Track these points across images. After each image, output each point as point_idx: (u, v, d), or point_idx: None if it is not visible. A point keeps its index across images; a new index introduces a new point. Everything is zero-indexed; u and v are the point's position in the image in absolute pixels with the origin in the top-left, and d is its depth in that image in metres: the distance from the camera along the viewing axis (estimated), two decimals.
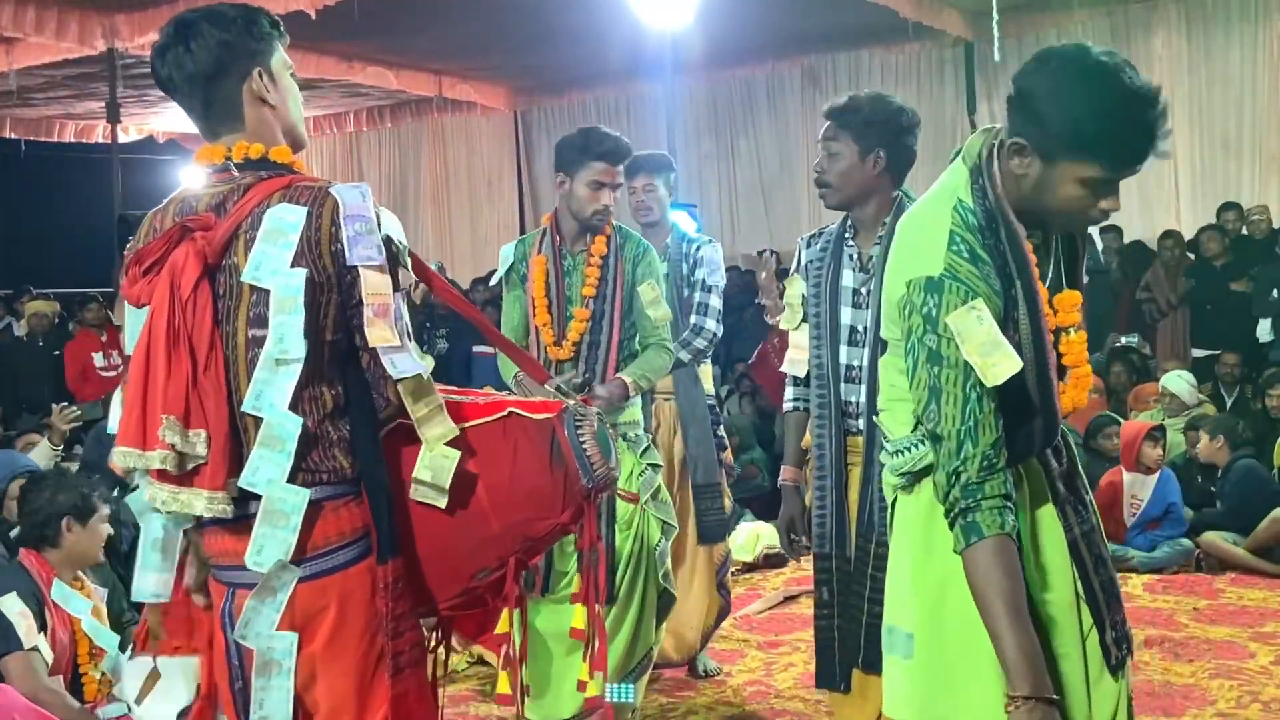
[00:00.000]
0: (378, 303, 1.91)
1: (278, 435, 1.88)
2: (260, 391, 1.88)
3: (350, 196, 1.93)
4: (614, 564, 3.67)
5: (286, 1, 8.13)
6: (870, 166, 3.01)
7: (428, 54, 11.14)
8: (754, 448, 8.32)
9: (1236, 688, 4.32)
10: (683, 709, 4.41)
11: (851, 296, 3.05)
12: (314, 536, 1.91)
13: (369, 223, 1.92)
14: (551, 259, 3.73)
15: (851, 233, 3.12)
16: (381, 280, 1.92)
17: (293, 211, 1.91)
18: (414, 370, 1.91)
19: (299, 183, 1.96)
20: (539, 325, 3.69)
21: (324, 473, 1.92)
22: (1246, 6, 10.16)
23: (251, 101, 2.04)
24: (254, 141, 2.02)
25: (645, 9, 8.01)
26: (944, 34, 10.39)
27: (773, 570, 6.64)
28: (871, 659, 2.92)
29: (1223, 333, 8.50)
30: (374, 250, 1.92)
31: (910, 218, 2.12)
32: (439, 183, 14.25)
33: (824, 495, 3.06)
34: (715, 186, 12.63)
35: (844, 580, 3.02)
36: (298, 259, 1.89)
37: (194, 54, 2.01)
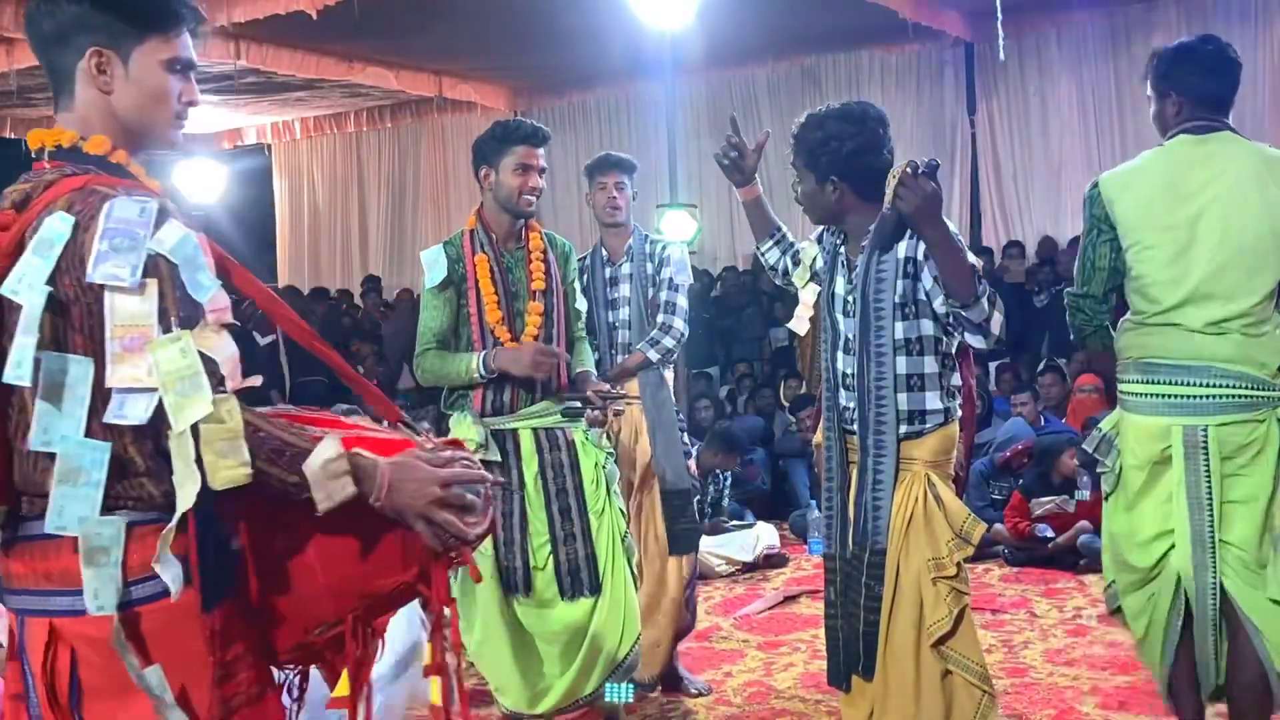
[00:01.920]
0: (128, 336, 1.65)
1: (78, 467, 1.67)
2: (46, 425, 1.67)
3: (122, 209, 1.69)
4: (593, 553, 3.68)
5: (287, 1, 8.13)
6: (830, 192, 2.99)
7: (428, 54, 11.13)
8: (755, 448, 8.32)
9: None
10: (682, 709, 4.41)
11: (842, 304, 3.05)
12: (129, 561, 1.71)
13: (133, 239, 1.66)
14: (493, 257, 3.74)
15: (843, 240, 3.11)
16: (136, 308, 1.66)
17: (64, 221, 1.69)
18: (139, 420, 1.65)
19: (95, 185, 1.74)
20: (493, 323, 3.69)
21: (128, 500, 1.71)
22: (1246, 6, 10.16)
23: (84, 81, 1.83)
24: (81, 124, 1.84)
25: (645, 9, 8.01)
26: (944, 34, 10.39)
27: (773, 570, 6.65)
28: (868, 665, 2.96)
29: None
30: (125, 270, 1.65)
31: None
32: (439, 183, 14.23)
33: (830, 496, 3.07)
34: (715, 186, 12.61)
35: (844, 582, 3.03)
36: (57, 276, 1.67)
37: (42, 15, 1.83)
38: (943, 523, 2.91)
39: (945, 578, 2.89)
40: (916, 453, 2.95)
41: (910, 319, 2.91)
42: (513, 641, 3.69)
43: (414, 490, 1.74)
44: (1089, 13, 10.36)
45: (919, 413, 2.94)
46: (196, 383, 1.65)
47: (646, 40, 8.64)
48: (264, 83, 11.45)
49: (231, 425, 1.67)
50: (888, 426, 2.91)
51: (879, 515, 2.92)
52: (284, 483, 1.70)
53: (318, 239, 15.12)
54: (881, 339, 2.91)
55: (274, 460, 1.69)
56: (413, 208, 14.49)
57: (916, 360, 2.93)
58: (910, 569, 2.91)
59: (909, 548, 2.91)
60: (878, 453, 2.92)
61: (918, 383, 2.93)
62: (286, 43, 9.92)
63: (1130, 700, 4.22)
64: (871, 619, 2.94)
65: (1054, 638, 5.08)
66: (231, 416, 1.67)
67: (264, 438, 1.70)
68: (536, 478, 3.69)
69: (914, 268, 2.89)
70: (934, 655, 2.90)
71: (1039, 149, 11.00)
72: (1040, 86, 10.90)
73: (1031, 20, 10.30)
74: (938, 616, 2.89)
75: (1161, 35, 10.47)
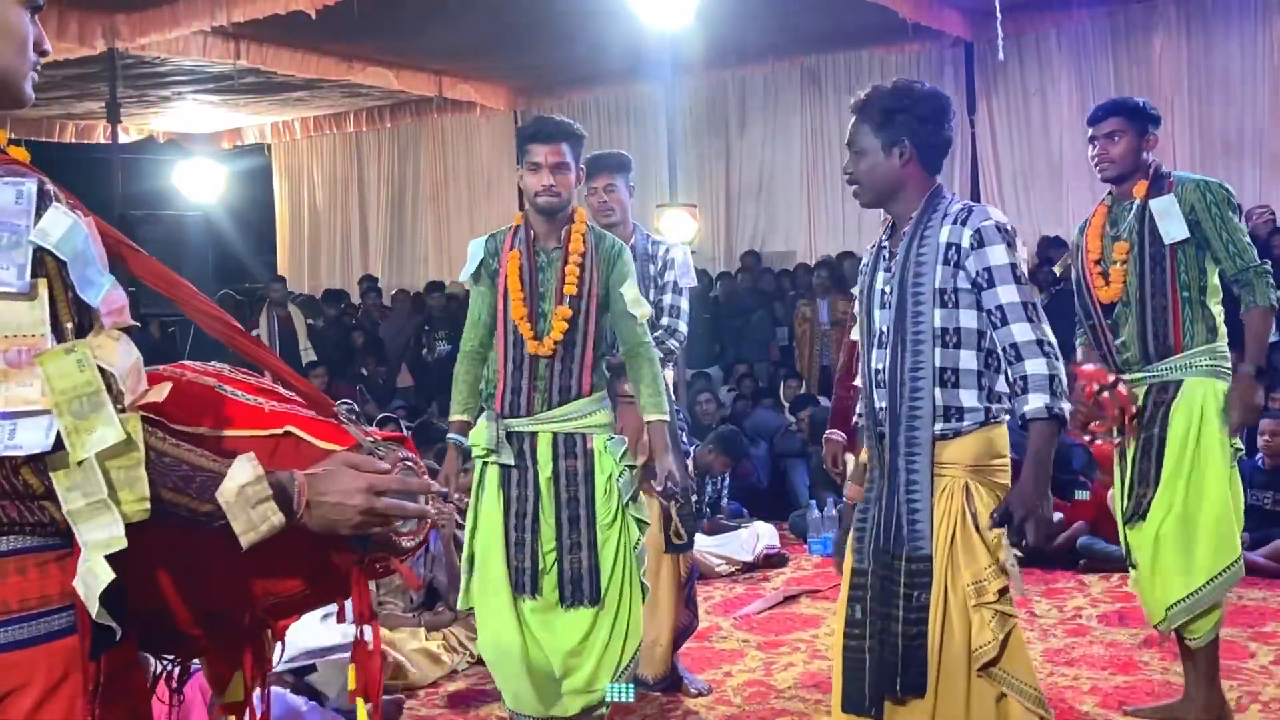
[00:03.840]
0: (14, 349, 1.38)
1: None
2: None
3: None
4: (597, 565, 3.66)
5: (287, 1, 8.13)
6: (895, 159, 2.82)
7: (428, 54, 11.13)
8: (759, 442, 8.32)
9: (1236, 688, 4.32)
10: (682, 709, 4.41)
11: (879, 297, 2.89)
12: (4, 596, 1.43)
13: (14, 232, 1.39)
14: (526, 255, 3.72)
15: (889, 233, 2.94)
16: (25, 316, 1.39)
17: None
18: (37, 447, 1.37)
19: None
20: (517, 320, 3.68)
21: (26, 525, 1.44)
22: (1246, 6, 10.15)
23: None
24: None
25: (645, 9, 8.01)
26: (944, 34, 10.39)
27: (773, 570, 6.64)
28: (911, 681, 2.72)
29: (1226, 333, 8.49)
30: (11, 271, 1.38)
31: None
32: (438, 183, 14.24)
33: (867, 508, 2.88)
34: (715, 186, 12.63)
35: (878, 597, 2.79)
36: None
37: None
38: (977, 543, 2.72)
39: (987, 603, 2.70)
40: (952, 455, 2.76)
41: (949, 308, 2.76)
42: (519, 643, 3.68)
43: (337, 504, 1.52)
44: (1089, 12, 10.36)
45: (954, 409, 2.75)
46: (97, 401, 1.38)
47: (646, 40, 8.63)
48: (264, 83, 11.45)
49: (135, 453, 1.41)
50: (921, 422, 2.74)
51: (916, 519, 2.73)
52: (194, 513, 1.46)
53: (318, 239, 15.12)
54: (919, 327, 2.75)
55: (181, 489, 1.44)
56: (413, 208, 14.49)
57: (953, 353, 2.75)
58: (957, 587, 2.72)
59: (955, 563, 2.73)
60: (910, 450, 2.75)
61: (952, 378, 2.76)
62: (286, 43, 9.92)
63: (1130, 700, 4.22)
64: (914, 631, 2.71)
65: (1054, 638, 5.09)
66: (137, 440, 1.41)
67: (169, 464, 1.44)
68: (550, 482, 3.66)
69: (957, 254, 2.75)
70: (985, 678, 2.72)
71: (1039, 149, 11.01)
72: (1040, 86, 10.91)
73: (1031, 20, 10.31)
74: (982, 641, 2.70)
75: (1161, 35, 10.49)
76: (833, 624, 5.46)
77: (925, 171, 2.86)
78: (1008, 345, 2.73)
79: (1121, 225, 3.82)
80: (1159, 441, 3.73)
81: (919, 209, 2.83)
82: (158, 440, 1.46)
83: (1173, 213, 3.68)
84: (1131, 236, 3.78)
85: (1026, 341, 2.71)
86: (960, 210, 2.79)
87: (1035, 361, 2.69)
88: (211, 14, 8.55)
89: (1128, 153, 3.78)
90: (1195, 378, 3.71)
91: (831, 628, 5.43)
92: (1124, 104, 3.86)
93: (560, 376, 3.66)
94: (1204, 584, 3.72)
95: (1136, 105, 3.84)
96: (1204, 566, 3.72)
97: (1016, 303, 2.72)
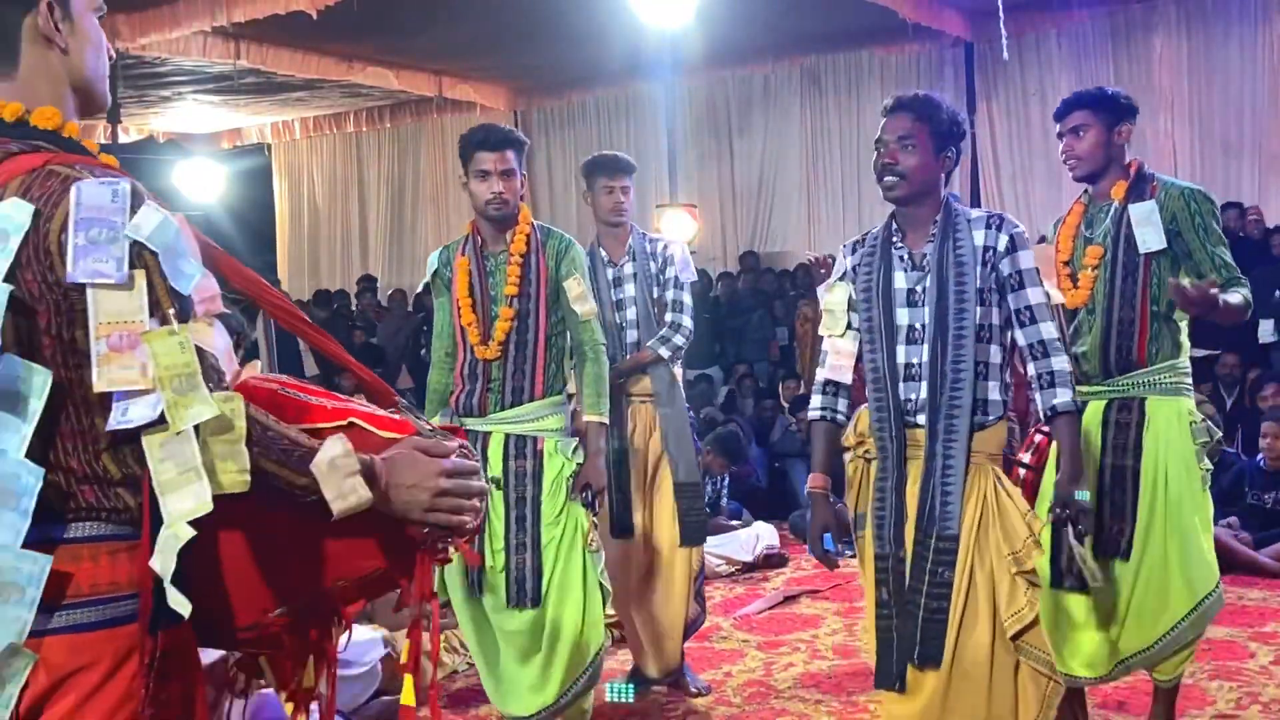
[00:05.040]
0: (116, 334, 1.49)
1: (9, 489, 1.49)
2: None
3: (92, 195, 1.51)
4: (539, 565, 3.67)
5: (287, 1, 8.13)
6: (942, 165, 3.03)
7: (428, 54, 11.13)
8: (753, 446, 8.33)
9: (1236, 688, 4.32)
10: (682, 709, 4.41)
11: (906, 297, 3.03)
12: (78, 580, 1.53)
13: (111, 229, 1.50)
14: (474, 260, 3.77)
15: (899, 235, 3.08)
16: (125, 304, 1.50)
17: (20, 210, 1.50)
18: (145, 419, 1.49)
19: (54, 165, 1.55)
20: (464, 326, 3.73)
21: (103, 511, 1.55)
22: (1246, 6, 10.16)
23: (33, 39, 1.62)
24: (27, 91, 1.62)
25: (645, 9, 8.01)
26: (944, 34, 10.39)
27: (773, 570, 6.65)
28: (929, 653, 2.91)
29: (1223, 332, 8.50)
30: (111, 264, 1.49)
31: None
32: (439, 183, 14.24)
33: (884, 496, 3.01)
34: (714, 186, 12.62)
35: (899, 579, 2.98)
36: (17, 271, 1.49)
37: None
38: (1016, 516, 2.93)
39: (1024, 572, 2.90)
40: (982, 445, 2.96)
41: (986, 306, 2.97)
42: (483, 640, 3.75)
43: (413, 487, 1.64)
44: (1089, 12, 10.36)
45: (984, 402, 2.96)
46: (194, 381, 1.51)
47: (646, 40, 8.64)
48: (264, 83, 11.45)
49: (239, 427, 1.53)
50: (961, 413, 2.92)
51: (949, 501, 2.91)
52: (291, 485, 1.57)
53: (317, 239, 15.13)
54: (962, 323, 2.94)
55: (282, 461, 1.56)
56: (412, 208, 14.49)
57: (985, 348, 2.97)
58: (985, 564, 2.91)
59: (982, 542, 2.92)
60: (948, 439, 2.92)
61: (984, 371, 2.96)
62: (286, 43, 9.92)
63: (1130, 700, 4.22)
64: (935, 605, 2.91)
65: None
66: (237, 418, 1.53)
67: (273, 437, 1.56)
68: (499, 482, 3.69)
69: (993, 257, 2.97)
70: (1007, 648, 2.90)
71: (1039, 149, 11.00)
72: (1040, 86, 10.90)
73: (1031, 20, 10.30)
74: (1016, 607, 2.88)
75: (1161, 35, 10.49)
76: (833, 624, 5.49)
77: (946, 179, 3.09)
78: (1035, 342, 3.00)
79: (1097, 228, 3.59)
80: (1133, 474, 3.52)
81: (941, 214, 3.02)
82: (262, 416, 1.57)
83: (1152, 220, 3.45)
84: (1106, 241, 3.55)
85: (1052, 339, 2.99)
86: (990, 216, 3.03)
87: (1060, 358, 2.99)
88: (211, 14, 8.55)
89: (1095, 147, 3.55)
90: (1158, 396, 3.50)
91: (832, 627, 5.44)
92: (1087, 96, 3.63)
93: (513, 378, 3.70)
94: (1182, 617, 3.52)
95: (1102, 96, 3.60)
96: (1182, 601, 3.52)
97: (1043, 304, 3.00)
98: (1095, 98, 3.61)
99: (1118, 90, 3.70)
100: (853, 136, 11.83)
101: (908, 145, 2.97)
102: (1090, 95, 3.64)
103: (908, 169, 2.97)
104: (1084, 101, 3.61)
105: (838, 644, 5.16)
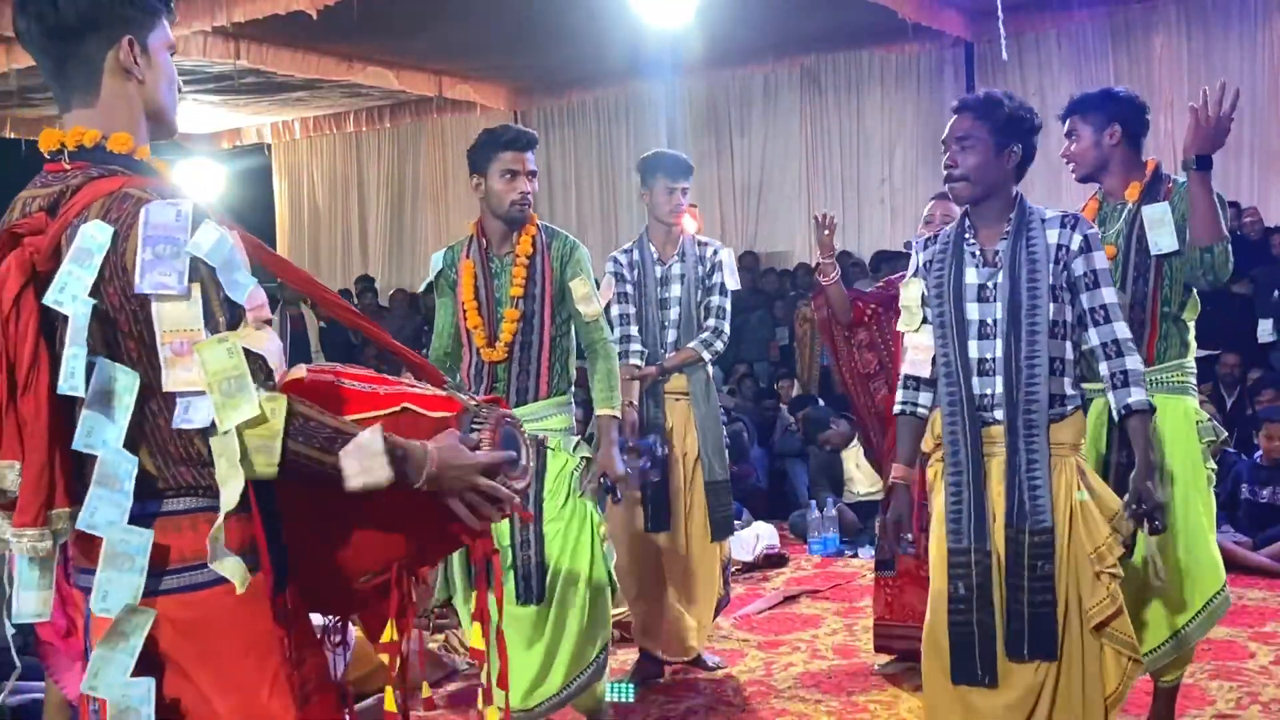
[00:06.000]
0: (177, 340, 1.69)
1: (112, 474, 1.71)
2: (90, 429, 1.70)
3: (158, 215, 1.71)
4: (544, 562, 3.67)
5: (287, 1, 8.12)
6: (1005, 161, 3.07)
7: (428, 54, 11.13)
8: (753, 446, 8.33)
9: (1236, 688, 4.32)
10: (682, 709, 4.41)
11: (977, 292, 3.08)
12: (195, 546, 1.76)
13: (174, 245, 1.69)
14: (479, 263, 3.78)
15: (972, 231, 3.14)
16: (184, 313, 1.70)
17: (102, 231, 1.70)
18: (205, 423, 1.70)
19: (129, 188, 1.76)
20: (471, 328, 3.73)
21: (199, 488, 1.77)
22: (1246, 6, 10.16)
23: (113, 71, 1.83)
24: (105, 119, 1.83)
25: (645, 9, 8.00)
26: (944, 34, 10.38)
27: (773, 570, 6.65)
28: (1041, 646, 2.97)
29: (1223, 333, 8.51)
30: (173, 277, 1.69)
31: None
32: (438, 183, 14.23)
33: (959, 490, 3.06)
34: (714, 186, 12.61)
35: (984, 573, 3.02)
36: (101, 286, 1.70)
37: (59, 8, 1.78)
38: (1097, 515, 3.00)
39: (1107, 568, 2.98)
40: (1061, 436, 3.03)
41: (1059, 303, 3.03)
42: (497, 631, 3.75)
43: (454, 477, 1.86)
44: (1089, 12, 10.35)
45: (1059, 396, 3.03)
46: (242, 383, 1.70)
47: (646, 40, 8.65)
48: (264, 83, 11.45)
49: (274, 424, 1.72)
50: (1038, 406, 2.98)
51: (1038, 495, 2.97)
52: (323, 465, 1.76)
53: (317, 239, 15.12)
54: (1035, 319, 3.00)
55: (328, 449, 1.76)
56: (412, 208, 14.49)
57: (1059, 344, 3.03)
58: (1072, 556, 2.99)
59: (1075, 535, 2.99)
60: (1029, 433, 2.98)
61: (1059, 367, 3.03)
62: (286, 43, 9.91)
63: (1130, 700, 4.21)
64: (1039, 599, 2.97)
65: None
66: (275, 416, 1.72)
67: (315, 428, 1.75)
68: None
69: (1066, 255, 3.02)
70: (1093, 634, 3.00)
71: (1039, 149, 10.98)
72: (1040, 86, 10.90)
73: (1031, 20, 10.29)
74: (1097, 599, 2.97)
75: (1161, 35, 10.49)
76: (833, 624, 5.48)
77: (1017, 178, 3.14)
78: (1109, 341, 3.04)
79: (1110, 228, 3.62)
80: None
81: (1015, 211, 3.09)
82: (306, 408, 1.76)
83: (1165, 222, 3.50)
84: (1119, 241, 3.57)
85: (1125, 339, 3.04)
86: (1064, 216, 3.08)
87: (1133, 358, 3.04)
88: (211, 14, 8.54)
89: (1087, 149, 3.65)
90: (1164, 395, 3.50)
91: (832, 627, 5.44)
92: (1077, 100, 3.72)
93: (518, 379, 3.71)
94: (1190, 618, 3.56)
95: (1090, 99, 3.68)
96: (1190, 603, 3.57)
97: (1115, 303, 3.05)
98: (1081, 101, 3.70)
99: (1111, 91, 3.75)
100: (852, 136, 11.82)
101: (967, 145, 3.06)
102: (1079, 100, 3.73)
103: (968, 170, 3.06)
104: (1074, 106, 3.72)
105: (838, 644, 5.17)
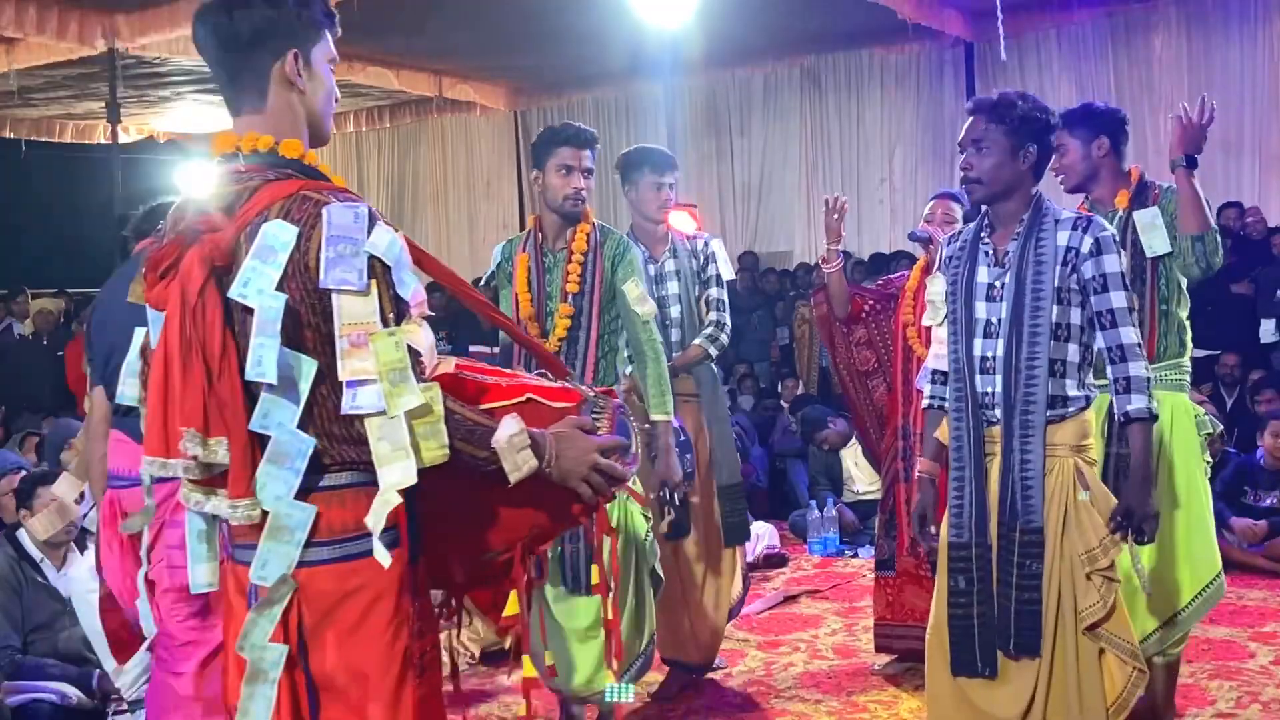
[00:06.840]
0: (355, 333, 1.84)
1: (285, 452, 1.85)
2: (267, 410, 1.85)
3: (339, 216, 1.86)
4: (589, 554, 3.70)
5: None
6: (1020, 162, 3.07)
7: (428, 54, 11.14)
8: (753, 446, 8.32)
9: (1236, 688, 4.32)
10: (683, 709, 4.41)
11: (986, 291, 3.11)
12: (345, 519, 1.90)
13: (354, 245, 1.85)
14: (534, 256, 3.83)
15: (989, 231, 3.16)
16: (362, 308, 1.85)
17: (286, 230, 1.85)
18: (372, 408, 1.84)
19: (306, 190, 1.90)
20: (525, 320, 3.77)
21: (359, 464, 1.89)
22: (1246, 6, 10.16)
23: (279, 81, 1.97)
24: (273, 125, 1.97)
25: (645, 9, 8.01)
26: (944, 34, 10.39)
27: (773, 570, 6.64)
28: (1025, 643, 2.99)
29: (1223, 333, 8.52)
30: (353, 274, 1.84)
31: None
32: (438, 183, 14.24)
33: (961, 485, 3.09)
34: (714, 186, 12.63)
35: (984, 567, 3.05)
36: (285, 281, 1.84)
37: (233, 21, 1.94)
38: (1094, 517, 2.99)
39: (1099, 570, 2.97)
40: (1059, 437, 3.02)
41: (1064, 305, 3.02)
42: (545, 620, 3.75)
43: (574, 459, 1.98)
44: (1089, 13, 10.36)
45: (1060, 398, 3.02)
46: (405, 374, 1.84)
47: (646, 40, 8.64)
48: None
49: (437, 411, 1.86)
50: (1036, 407, 2.99)
51: (1030, 495, 2.98)
52: (475, 458, 1.90)
53: None
54: (1037, 321, 3.01)
55: (469, 440, 1.89)
56: (412, 207, 14.49)
57: (1062, 346, 3.03)
58: (1065, 556, 2.99)
59: (1065, 537, 2.99)
60: (1024, 433, 3.00)
61: (1060, 369, 3.02)
62: None
63: None
64: (1026, 597, 2.99)
65: None
66: (436, 404, 1.86)
67: (459, 421, 1.89)
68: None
69: (1075, 258, 3.02)
70: (1090, 636, 3.00)
71: None
72: (1040, 86, 10.89)
73: (1031, 20, 10.29)
74: (1089, 603, 2.97)
75: (1161, 35, 10.49)
76: (833, 624, 5.48)
77: (1034, 178, 3.12)
78: (1114, 346, 3.02)
79: None
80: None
81: (1029, 211, 3.08)
82: (451, 402, 1.90)
83: (1157, 225, 3.62)
84: None
85: (1131, 344, 3.01)
86: (1078, 218, 3.06)
87: (1138, 364, 3.01)
88: None
89: (1074, 162, 3.74)
90: (1161, 391, 3.55)
91: (832, 627, 5.44)
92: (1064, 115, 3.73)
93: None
94: (1186, 604, 3.67)
95: (1074, 114, 3.76)
96: (1186, 587, 3.67)
97: (1125, 308, 3.01)
98: (1065, 117, 3.71)
99: (1091, 106, 3.85)
100: (852, 136, 11.83)
101: (981, 147, 3.07)
102: (1066, 114, 3.73)
103: (981, 172, 3.07)
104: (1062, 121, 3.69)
105: (838, 644, 5.17)
